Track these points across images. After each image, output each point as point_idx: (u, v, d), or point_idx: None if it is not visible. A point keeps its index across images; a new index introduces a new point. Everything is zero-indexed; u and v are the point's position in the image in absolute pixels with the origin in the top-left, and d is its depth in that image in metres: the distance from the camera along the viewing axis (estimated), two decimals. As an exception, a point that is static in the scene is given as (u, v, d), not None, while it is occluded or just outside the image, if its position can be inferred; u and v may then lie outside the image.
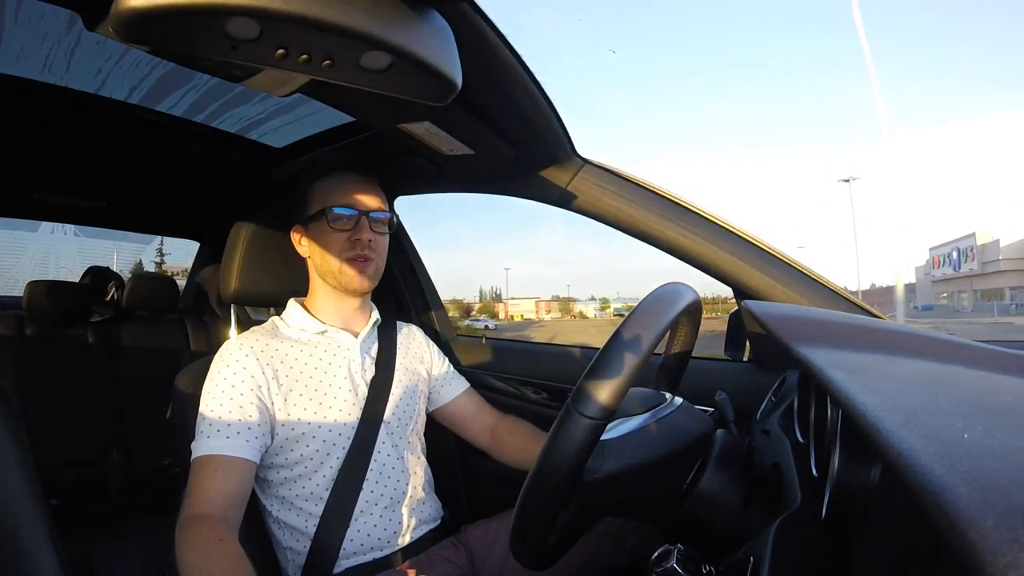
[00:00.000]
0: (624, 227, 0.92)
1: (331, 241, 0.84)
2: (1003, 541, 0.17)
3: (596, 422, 0.45)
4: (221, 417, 0.74)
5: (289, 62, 0.44)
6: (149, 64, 0.94)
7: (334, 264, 0.84)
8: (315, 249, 0.86)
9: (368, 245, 0.84)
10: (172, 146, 1.27)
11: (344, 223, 0.83)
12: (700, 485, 0.57)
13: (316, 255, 0.87)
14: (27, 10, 0.81)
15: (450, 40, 0.46)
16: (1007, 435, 0.25)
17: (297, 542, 0.81)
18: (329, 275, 0.86)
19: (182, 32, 0.39)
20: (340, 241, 0.84)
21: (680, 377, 0.70)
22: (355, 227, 0.84)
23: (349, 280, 0.85)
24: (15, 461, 0.60)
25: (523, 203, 1.06)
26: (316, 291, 0.90)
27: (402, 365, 0.94)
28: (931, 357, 0.43)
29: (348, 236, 0.84)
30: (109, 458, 1.78)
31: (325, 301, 0.89)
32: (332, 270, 0.85)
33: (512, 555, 0.53)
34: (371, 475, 0.84)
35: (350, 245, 0.84)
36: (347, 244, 0.84)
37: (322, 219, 0.83)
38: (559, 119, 0.81)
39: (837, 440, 0.44)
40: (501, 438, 0.97)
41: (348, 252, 0.84)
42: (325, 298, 0.89)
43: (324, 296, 0.89)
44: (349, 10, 0.39)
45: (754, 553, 0.44)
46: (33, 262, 4.22)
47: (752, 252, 0.86)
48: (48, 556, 0.58)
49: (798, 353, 0.41)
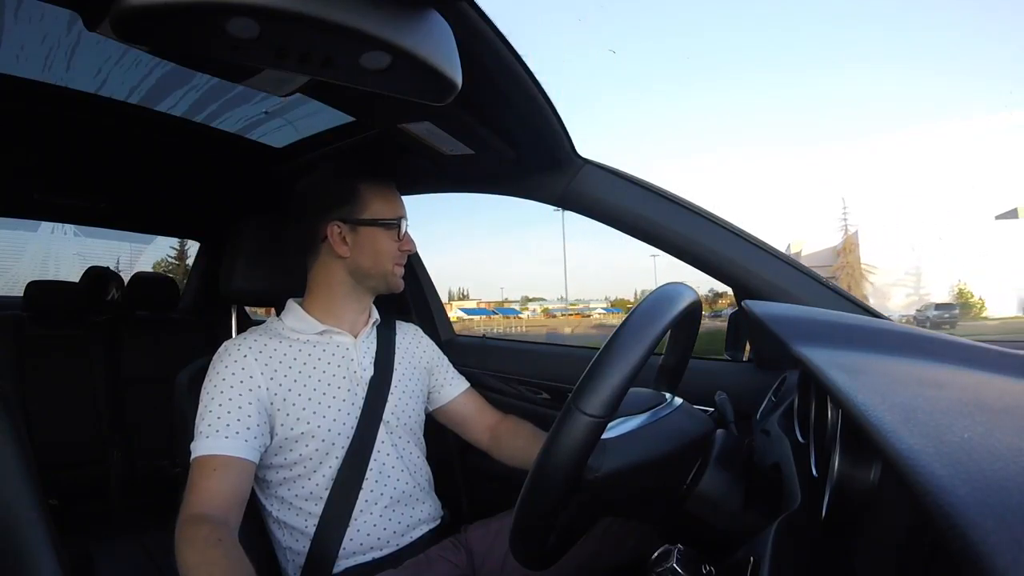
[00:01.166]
0: (624, 227, 0.92)
1: (387, 248, 0.88)
2: (1003, 541, 0.17)
3: (598, 420, 0.45)
4: (220, 417, 0.74)
5: (289, 62, 0.44)
6: (149, 64, 0.94)
7: (386, 268, 0.89)
8: (366, 252, 0.87)
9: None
10: (172, 146, 1.27)
11: (400, 233, 0.90)
12: (700, 485, 0.57)
13: (364, 257, 0.87)
14: (27, 10, 0.80)
15: (450, 40, 0.46)
16: (1007, 435, 0.25)
17: (297, 542, 0.81)
18: (378, 278, 0.89)
19: (182, 32, 0.39)
20: (394, 248, 0.89)
21: (680, 377, 0.70)
22: (403, 236, 0.91)
23: (397, 283, 0.91)
24: (15, 461, 0.60)
25: (518, 204, 1.06)
26: (331, 290, 0.89)
27: (401, 365, 0.94)
28: (931, 357, 0.43)
29: (400, 245, 0.90)
30: (109, 458, 1.78)
31: (337, 300, 0.89)
32: (383, 273, 0.89)
33: (512, 555, 0.53)
34: (370, 475, 0.84)
35: (401, 254, 0.91)
36: (399, 253, 0.90)
37: (391, 229, 0.88)
38: (559, 119, 0.81)
39: (837, 440, 0.43)
40: (502, 438, 0.97)
41: (399, 259, 0.90)
42: (341, 297, 0.89)
43: (340, 295, 0.89)
44: (349, 10, 0.39)
45: (754, 553, 0.44)
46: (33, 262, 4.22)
47: (752, 252, 0.86)
48: (48, 556, 0.58)
49: (798, 353, 0.41)
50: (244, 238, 0.94)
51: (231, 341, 0.83)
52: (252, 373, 0.79)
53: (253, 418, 0.76)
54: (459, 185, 1.13)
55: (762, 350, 0.88)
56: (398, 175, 1.12)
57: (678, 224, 0.88)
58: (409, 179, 1.16)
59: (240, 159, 1.32)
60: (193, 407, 0.78)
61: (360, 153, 1.10)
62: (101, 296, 1.93)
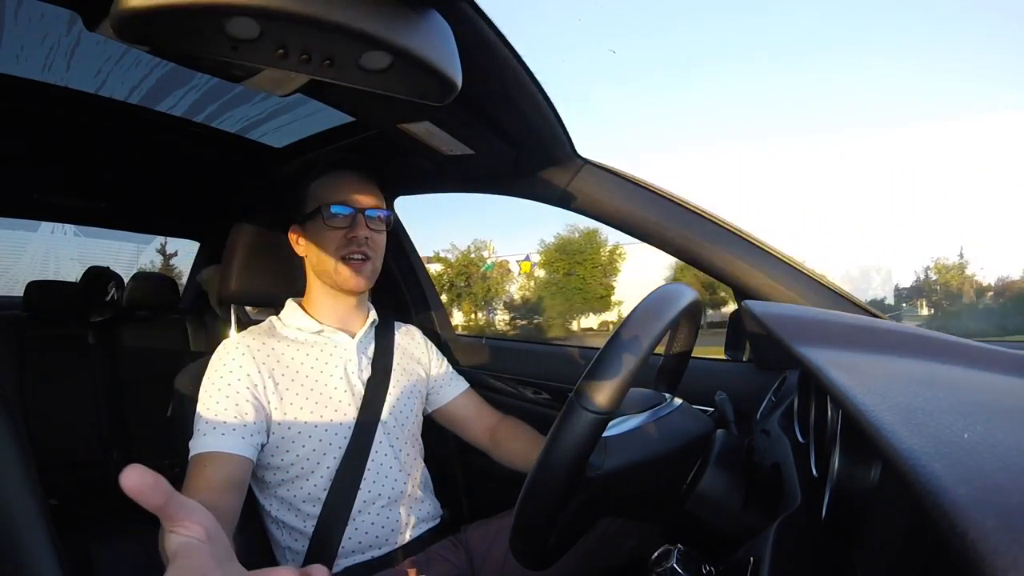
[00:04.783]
0: (624, 227, 0.92)
1: (327, 239, 0.83)
2: (1003, 541, 0.17)
3: (600, 416, 0.45)
4: (217, 415, 0.75)
5: (289, 62, 0.44)
6: (149, 64, 0.93)
7: (330, 263, 0.84)
8: (311, 248, 0.86)
9: (365, 242, 0.84)
10: (172, 146, 1.27)
11: (340, 221, 0.83)
12: (700, 485, 0.57)
13: (312, 254, 0.86)
14: (27, 10, 0.80)
15: (450, 40, 0.46)
16: (1007, 435, 0.25)
17: (296, 541, 0.82)
18: (325, 274, 0.85)
19: (182, 32, 0.39)
20: (337, 239, 0.83)
21: (680, 377, 0.70)
22: (352, 225, 0.83)
23: (345, 279, 0.84)
24: (15, 461, 0.60)
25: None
26: (313, 291, 0.90)
27: (399, 366, 0.93)
28: (931, 357, 0.43)
29: (344, 234, 0.83)
30: (109, 458, 1.78)
31: (322, 301, 0.89)
32: (328, 269, 0.84)
33: (512, 554, 0.53)
34: (368, 475, 0.84)
35: (346, 243, 0.83)
36: (343, 242, 0.83)
37: (318, 217, 0.83)
38: (559, 119, 0.81)
39: (837, 440, 0.44)
40: (501, 440, 0.97)
41: (344, 250, 0.83)
42: (322, 298, 0.89)
43: (321, 296, 0.89)
44: (349, 10, 0.39)
45: (754, 553, 0.44)
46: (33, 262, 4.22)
47: (752, 252, 0.86)
48: (48, 556, 0.58)
49: (798, 353, 0.41)
50: (244, 238, 0.94)
51: (229, 340, 0.83)
52: (250, 371, 0.79)
53: (250, 416, 0.76)
54: (459, 185, 1.13)
55: (762, 350, 0.88)
56: (398, 175, 1.13)
57: (678, 224, 0.88)
58: (409, 179, 1.16)
59: (240, 159, 1.32)
60: (193, 407, 0.78)
61: (360, 153, 1.10)
62: (101, 296, 1.93)
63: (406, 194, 1.22)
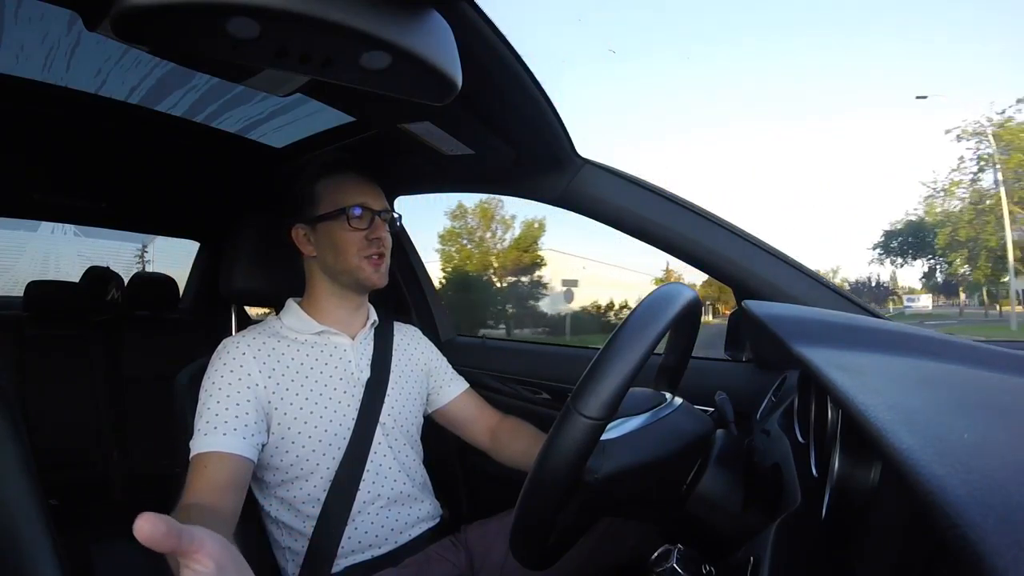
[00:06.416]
0: (624, 227, 0.92)
1: (348, 240, 0.85)
2: (1003, 541, 0.17)
3: (596, 422, 0.45)
4: (218, 414, 0.75)
5: (289, 62, 0.44)
6: (149, 64, 0.93)
7: (352, 262, 0.85)
8: (327, 248, 0.86)
9: (382, 242, 0.87)
10: (172, 146, 1.27)
11: (362, 222, 0.85)
12: (700, 485, 0.57)
13: (329, 254, 0.86)
14: (27, 10, 0.80)
15: (450, 40, 0.46)
16: (1007, 435, 0.25)
17: (295, 542, 0.82)
18: (345, 273, 0.86)
19: (182, 32, 0.39)
20: (357, 239, 0.85)
21: (680, 377, 0.70)
22: (371, 225, 0.86)
23: (368, 277, 0.86)
24: (15, 461, 0.60)
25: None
26: (317, 291, 0.90)
27: (399, 367, 0.93)
28: (931, 357, 0.43)
29: (366, 235, 0.85)
30: (109, 458, 1.77)
31: (326, 301, 0.89)
32: (349, 268, 0.86)
33: (512, 555, 0.53)
34: (367, 476, 0.84)
35: (367, 244, 0.85)
36: (364, 243, 0.85)
37: (341, 218, 0.85)
38: (559, 119, 0.81)
39: (837, 440, 0.44)
40: (502, 440, 0.97)
41: (366, 250, 0.85)
42: (326, 298, 0.89)
43: (325, 296, 0.89)
44: (349, 10, 0.39)
45: (754, 553, 0.44)
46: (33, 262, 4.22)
47: (752, 252, 0.86)
48: (48, 556, 0.58)
49: (798, 353, 0.41)
50: (244, 238, 0.94)
51: (230, 339, 0.83)
52: (250, 371, 0.79)
53: (251, 415, 0.76)
54: (459, 185, 1.13)
55: (762, 350, 0.88)
56: (398, 175, 1.13)
57: (678, 224, 0.88)
58: (409, 179, 1.16)
59: (240, 159, 1.32)
60: (193, 407, 0.78)
61: (360, 153, 1.10)
62: (101, 296, 1.93)
63: (406, 194, 1.22)
